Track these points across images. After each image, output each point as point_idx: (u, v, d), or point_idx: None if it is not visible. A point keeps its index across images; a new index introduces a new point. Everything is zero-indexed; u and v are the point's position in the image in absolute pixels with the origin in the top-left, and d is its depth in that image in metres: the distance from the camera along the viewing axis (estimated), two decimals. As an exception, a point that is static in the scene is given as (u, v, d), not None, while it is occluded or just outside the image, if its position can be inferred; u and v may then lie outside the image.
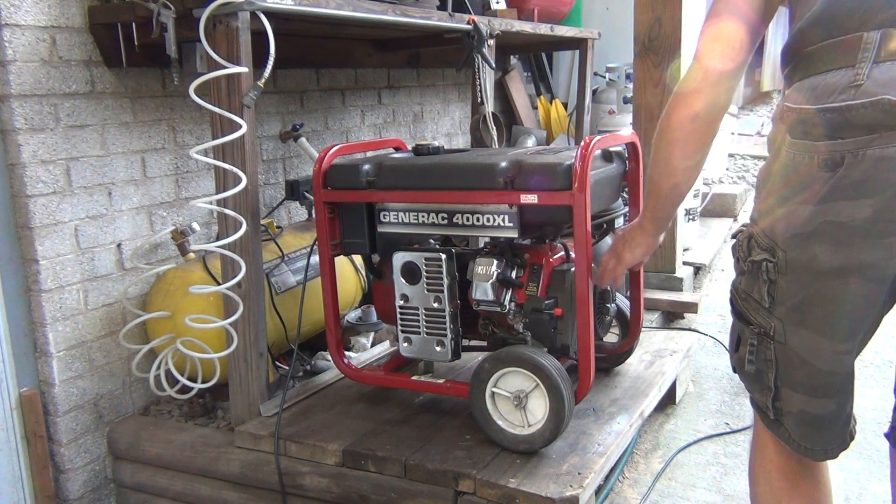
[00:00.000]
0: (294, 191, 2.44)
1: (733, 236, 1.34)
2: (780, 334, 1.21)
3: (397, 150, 2.16)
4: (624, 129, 2.20)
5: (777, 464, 1.35)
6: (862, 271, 1.12)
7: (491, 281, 1.76)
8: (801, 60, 1.20)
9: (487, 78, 2.69)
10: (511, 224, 1.70)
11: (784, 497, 1.35)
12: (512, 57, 4.34)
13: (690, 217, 3.44)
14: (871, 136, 1.06)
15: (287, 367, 2.15)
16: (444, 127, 3.80)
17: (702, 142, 1.36)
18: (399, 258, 1.83)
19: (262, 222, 2.16)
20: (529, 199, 1.64)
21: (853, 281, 1.13)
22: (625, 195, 1.98)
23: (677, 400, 2.38)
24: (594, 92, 4.42)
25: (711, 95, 1.29)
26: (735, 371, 1.37)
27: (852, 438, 1.31)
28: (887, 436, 1.42)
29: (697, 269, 3.39)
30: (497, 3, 3.17)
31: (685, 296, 2.94)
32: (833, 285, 1.14)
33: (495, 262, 1.77)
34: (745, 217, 4.25)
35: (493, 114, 2.72)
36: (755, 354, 1.26)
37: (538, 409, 1.67)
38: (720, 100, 1.30)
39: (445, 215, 1.76)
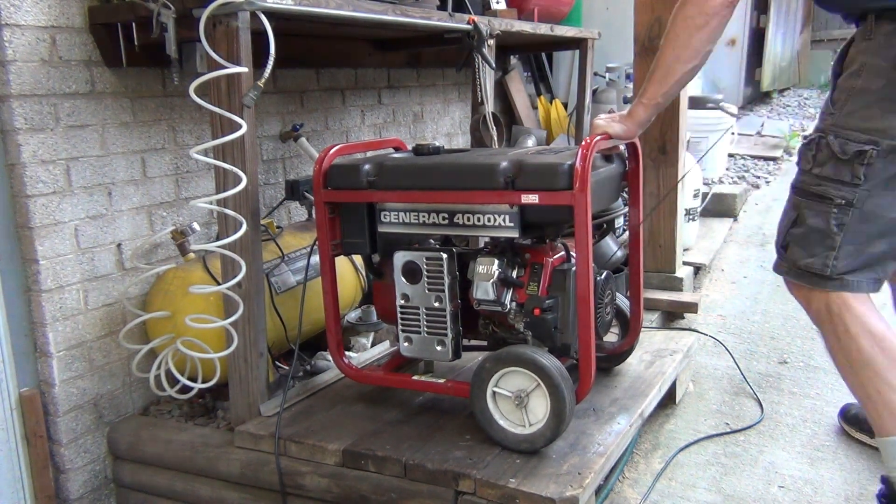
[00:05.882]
0: (294, 191, 2.43)
1: (808, 140, 1.68)
2: (860, 201, 1.60)
3: (397, 150, 2.16)
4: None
5: (862, 319, 1.64)
6: None
7: (492, 280, 1.76)
8: None
9: (487, 78, 2.69)
10: (512, 224, 1.70)
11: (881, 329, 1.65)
12: (512, 57, 4.34)
13: (690, 217, 3.43)
14: None
15: (287, 367, 2.15)
16: (444, 127, 3.80)
17: (724, 27, 1.61)
18: (400, 258, 1.83)
19: (262, 222, 2.16)
20: (530, 199, 1.64)
21: None
22: (625, 195, 1.98)
23: (677, 400, 2.38)
24: (594, 92, 4.42)
25: None
26: (784, 249, 1.72)
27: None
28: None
29: (697, 269, 3.38)
30: (497, 3, 3.17)
31: (685, 296, 2.94)
32: None
33: (496, 261, 1.77)
34: (745, 216, 4.26)
35: (493, 114, 2.72)
36: (829, 220, 1.62)
37: (539, 408, 1.67)
38: None
39: (446, 215, 1.76)
